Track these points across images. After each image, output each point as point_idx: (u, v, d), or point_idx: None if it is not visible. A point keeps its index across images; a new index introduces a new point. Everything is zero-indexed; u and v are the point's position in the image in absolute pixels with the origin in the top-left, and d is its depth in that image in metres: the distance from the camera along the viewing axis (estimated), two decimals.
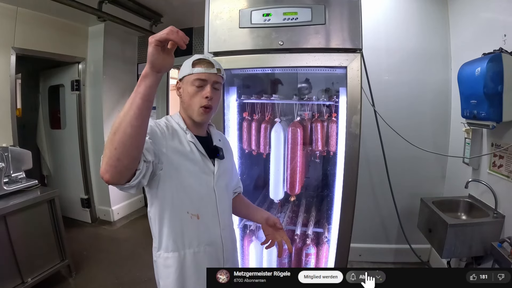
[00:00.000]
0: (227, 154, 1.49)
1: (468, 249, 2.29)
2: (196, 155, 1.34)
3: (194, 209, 1.32)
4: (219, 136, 1.51)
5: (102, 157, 0.99)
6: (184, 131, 1.35)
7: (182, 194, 1.29)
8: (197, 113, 1.32)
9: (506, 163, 2.22)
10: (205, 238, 1.35)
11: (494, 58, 2.04)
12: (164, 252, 1.32)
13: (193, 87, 1.31)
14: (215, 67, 1.33)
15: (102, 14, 3.32)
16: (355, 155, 1.89)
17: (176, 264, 1.31)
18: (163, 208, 1.29)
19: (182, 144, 1.31)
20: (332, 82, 2.54)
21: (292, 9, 1.85)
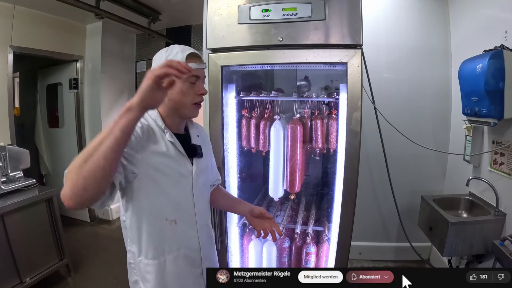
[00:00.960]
0: (205, 150, 1.42)
1: (469, 247, 2.27)
2: (174, 156, 1.26)
3: (171, 215, 1.26)
4: (197, 131, 1.43)
5: (66, 179, 0.92)
6: (162, 130, 1.25)
7: (159, 202, 1.23)
8: (190, 110, 1.26)
9: (507, 160, 2.20)
10: (184, 241, 1.31)
11: (496, 55, 2.02)
12: (145, 259, 1.26)
13: (186, 84, 1.22)
14: (204, 62, 1.29)
15: (100, 12, 3.29)
16: (355, 152, 1.87)
17: (157, 271, 1.27)
18: (140, 216, 1.23)
19: (159, 145, 1.22)
20: (331, 80, 2.53)
21: (292, 4, 1.82)
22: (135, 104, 0.93)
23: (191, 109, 1.26)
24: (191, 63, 1.17)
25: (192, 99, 1.24)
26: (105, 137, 0.92)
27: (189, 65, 1.11)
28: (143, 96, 0.93)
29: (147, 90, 0.93)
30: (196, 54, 1.27)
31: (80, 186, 0.90)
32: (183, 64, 0.95)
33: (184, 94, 1.23)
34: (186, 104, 1.25)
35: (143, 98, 0.93)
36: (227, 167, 2.15)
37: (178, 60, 0.95)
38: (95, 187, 0.92)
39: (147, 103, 0.95)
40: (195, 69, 1.20)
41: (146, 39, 4.75)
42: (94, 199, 0.96)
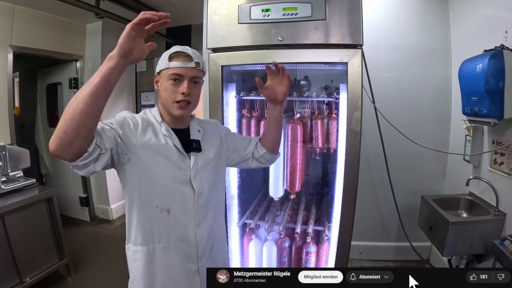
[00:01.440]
0: (208, 145, 1.44)
1: (469, 247, 2.28)
2: (171, 149, 1.30)
3: (163, 203, 1.29)
4: (198, 127, 1.44)
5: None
6: (159, 124, 1.32)
7: (150, 189, 1.26)
8: (173, 108, 1.28)
9: (507, 160, 2.20)
10: (176, 233, 1.32)
11: (496, 55, 2.02)
12: (133, 245, 1.30)
13: (169, 82, 1.26)
14: (193, 61, 1.28)
15: (100, 11, 3.29)
16: (356, 152, 1.87)
17: (145, 258, 1.30)
18: (131, 201, 1.28)
19: (157, 138, 1.28)
20: (331, 80, 2.53)
21: (292, 4, 1.82)
22: (115, 51, 0.99)
23: (173, 107, 1.28)
24: (172, 62, 1.26)
25: (174, 97, 1.26)
26: (86, 85, 0.98)
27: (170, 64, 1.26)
28: (121, 43, 0.98)
29: (125, 37, 0.97)
30: (182, 53, 1.28)
31: (61, 130, 0.95)
32: (155, 12, 0.99)
33: (166, 91, 1.27)
34: (168, 102, 1.28)
35: (121, 45, 0.98)
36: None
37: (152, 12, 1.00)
38: (74, 130, 0.96)
39: (125, 51, 0.99)
40: (176, 67, 1.25)
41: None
42: (75, 147, 0.99)
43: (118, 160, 1.20)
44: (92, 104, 0.97)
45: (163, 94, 1.29)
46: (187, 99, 1.26)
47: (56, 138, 0.96)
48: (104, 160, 1.11)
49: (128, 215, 1.30)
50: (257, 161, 1.60)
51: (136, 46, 1.01)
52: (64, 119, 0.95)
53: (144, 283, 1.31)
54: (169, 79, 1.26)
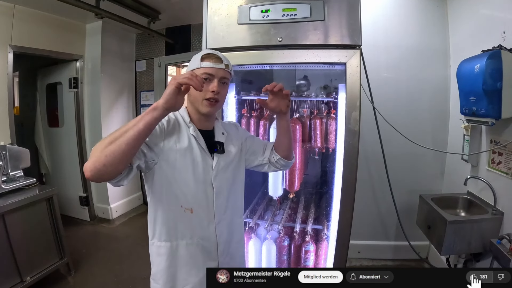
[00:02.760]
0: (232, 148, 1.50)
1: (467, 246, 2.29)
2: (195, 149, 1.37)
3: (187, 203, 1.36)
4: (223, 129, 1.51)
5: (91, 155, 1.07)
6: (187, 125, 1.39)
7: (175, 189, 1.34)
8: (202, 105, 1.35)
9: (505, 160, 2.21)
10: (198, 231, 1.39)
11: (494, 55, 2.04)
12: (158, 241, 1.38)
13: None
14: (223, 63, 1.36)
15: (100, 11, 3.29)
16: (354, 151, 1.89)
17: (168, 253, 1.38)
18: (157, 200, 1.35)
19: (181, 138, 1.35)
20: (330, 79, 2.54)
21: (291, 5, 1.84)
22: (161, 105, 1.11)
23: (203, 105, 1.34)
24: (204, 62, 1.33)
25: (204, 95, 1.32)
26: (131, 127, 1.08)
27: (202, 64, 1.33)
28: (167, 99, 1.11)
29: (171, 94, 1.11)
30: (213, 55, 1.36)
31: (101, 163, 1.05)
32: (199, 78, 1.14)
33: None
34: (198, 100, 1.34)
35: (168, 101, 1.11)
36: None
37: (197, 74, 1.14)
38: (114, 165, 1.07)
39: (170, 105, 1.12)
40: (208, 67, 1.32)
41: (145, 39, 4.75)
42: (111, 176, 1.11)
43: (147, 166, 1.28)
44: (134, 146, 1.10)
45: (193, 92, 1.33)
46: (216, 97, 1.33)
47: (94, 168, 1.05)
48: (133, 173, 1.22)
49: (152, 212, 1.38)
50: (274, 166, 1.65)
51: (178, 99, 1.14)
52: (105, 154, 1.05)
53: (167, 276, 1.39)
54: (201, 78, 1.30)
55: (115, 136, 1.07)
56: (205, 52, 1.38)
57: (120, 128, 1.10)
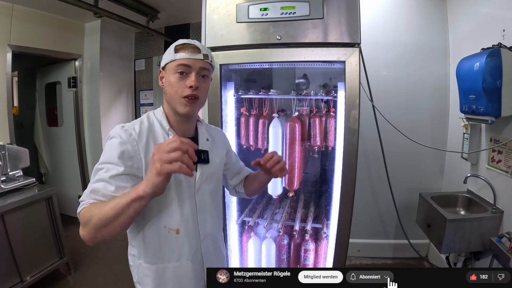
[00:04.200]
0: (216, 156, 1.36)
1: (467, 244, 2.29)
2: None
3: (172, 223, 1.22)
4: (207, 135, 1.35)
5: (84, 228, 1.00)
6: (166, 132, 1.21)
7: (157, 209, 1.19)
8: (180, 104, 1.17)
9: (505, 158, 2.21)
10: (186, 252, 1.26)
11: (493, 53, 2.04)
12: (144, 263, 1.24)
13: (175, 75, 1.15)
14: (201, 52, 1.17)
15: (99, 10, 3.29)
16: (353, 150, 1.88)
17: (154, 276, 1.25)
18: (138, 221, 1.19)
19: None
20: (329, 78, 2.53)
21: (290, 3, 1.83)
22: (148, 195, 0.96)
23: (181, 104, 1.17)
24: (179, 53, 1.15)
25: (181, 91, 1.15)
26: (120, 214, 0.97)
27: (177, 55, 1.15)
28: (154, 190, 0.95)
29: (160, 184, 0.95)
30: (189, 45, 1.18)
31: (99, 239, 1.01)
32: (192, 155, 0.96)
33: (173, 86, 1.16)
34: (174, 98, 1.17)
35: (156, 189, 0.95)
36: None
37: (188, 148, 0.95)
38: (111, 236, 1.02)
39: (159, 193, 0.97)
40: (183, 58, 1.15)
41: (144, 38, 4.74)
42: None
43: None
44: (128, 225, 1.03)
45: (168, 89, 1.18)
46: (195, 93, 1.15)
47: (92, 241, 1.02)
48: None
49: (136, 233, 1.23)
50: (235, 192, 1.61)
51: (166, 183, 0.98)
52: (102, 235, 1.00)
53: None
54: (176, 72, 1.15)
55: (106, 220, 0.97)
56: (180, 42, 1.19)
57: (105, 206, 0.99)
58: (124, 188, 1.07)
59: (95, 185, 1.06)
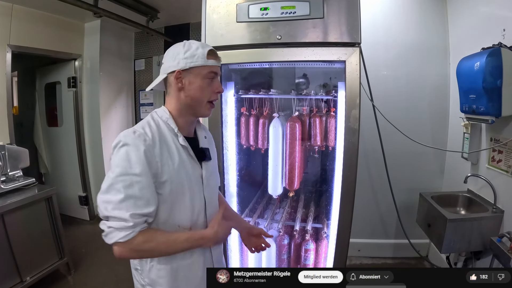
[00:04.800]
0: (212, 152, 1.41)
1: (467, 244, 2.29)
2: (186, 162, 1.24)
3: (185, 222, 1.25)
4: (204, 133, 1.42)
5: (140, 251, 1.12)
6: (174, 134, 1.23)
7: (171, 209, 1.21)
8: (204, 108, 1.25)
9: (505, 158, 2.21)
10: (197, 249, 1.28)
11: (494, 53, 2.03)
12: (158, 264, 1.24)
13: (206, 80, 1.22)
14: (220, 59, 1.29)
15: (98, 10, 3.28)
16: (354, 149, 1.88)
17: (169, 275, 1.25)
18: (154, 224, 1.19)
19: (172, 155, 1.19)
20: (329, 77, 2.53)
21: (290, 2, 1.83)
22: (212, 243, 1.24)
23: (206, 107, 1.26)
24: (210, 59, 1.22)
25: (209, 96, 1.24)
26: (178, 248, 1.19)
27: (209, 62, 1.22)
28: (218, 242, 1.26)
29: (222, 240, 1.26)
30: (214, 51, 1.26)
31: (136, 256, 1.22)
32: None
33: (202, 91, 1.22)
34: (202, 102, 1.24)
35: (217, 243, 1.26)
36: (226, 165, 2.17)
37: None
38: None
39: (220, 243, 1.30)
40: (214, 65, 1.24)
41: (144, 37, 4.74)
42: None
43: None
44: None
45: (195, 93, 1.22)
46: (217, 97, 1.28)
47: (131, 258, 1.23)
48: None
49: None
50: None
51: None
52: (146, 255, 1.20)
53: None
54: (207, 78, 1.22)
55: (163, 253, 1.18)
56: (208, 48, 1.24)
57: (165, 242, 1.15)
58: (153, 200, 1.12)
59: (128, 203, 1.07)
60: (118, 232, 1.06)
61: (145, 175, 1.09)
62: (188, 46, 1.22)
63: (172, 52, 1.25)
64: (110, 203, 1.07)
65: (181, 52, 1.21)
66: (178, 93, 1.24)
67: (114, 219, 1.07)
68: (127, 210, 1.05)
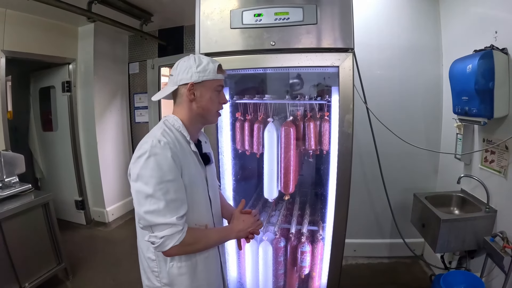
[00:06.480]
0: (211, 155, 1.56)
1: (461, 243, 2.31)
2: (197, 165, 1.38)
3: (200, 220, 1.38)
4: (204, 138, 1.56)
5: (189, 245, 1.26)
6: (187, 141, 1.35)
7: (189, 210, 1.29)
8: (214, 117, 1.41)
9: (497, 158, 2.24)
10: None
11: (486, 55, 2.06)
12: (177, 262, 1.35)
13: (215, 93, 1.37)
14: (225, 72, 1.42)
15: (92, 15, 3.28)
16: (348, 153, 1.90)
17: (190, 271, 1.37)
18: None
19: (188, 160, 1.31)
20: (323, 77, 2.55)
21: (284, 9, 1.84)
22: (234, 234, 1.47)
23: (214, 116, 1.41)
24: (219, 74, 1.36)
25: (217, 107, 1.39)
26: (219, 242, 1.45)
27: (218, 76, 1.36)
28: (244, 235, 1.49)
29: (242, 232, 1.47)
30: (221, 66, 1.39)
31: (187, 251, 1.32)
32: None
33: (212, 102, 1.37)
34: (212, 112, 1.39)
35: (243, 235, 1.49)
36: (222, 169, 2.18)
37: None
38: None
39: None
40: (223, 79, 1.39)
41: (138, 41, 4.74)
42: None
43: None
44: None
45: (206, 104, 1.35)
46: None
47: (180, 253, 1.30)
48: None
49: None
50: None
51: None
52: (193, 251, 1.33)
53: None
54: (216, 90, 1.37)
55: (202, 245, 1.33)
56: (217, 63, 1.38)
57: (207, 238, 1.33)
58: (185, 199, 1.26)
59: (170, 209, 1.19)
60: (173, 238, 1.19)
61: (177, 180, 1.22)
62: (199, 61, 1.33)
63: (184, 65, 1.34)
64: (154, 212, 1.18)
65: (193, 66, 1.32)
66: (190, 104, 1.35)
67: (162, 226, 1.18)
68: (172, 215, 1.18)
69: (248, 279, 2.43)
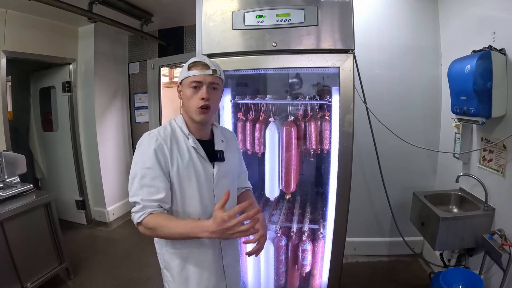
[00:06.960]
0: (230, 154, 1.56)
1: (460, 241, 2.35)
2: (196, 160, 1.41)
3: (194, 212, 1.41)
4: (222, 137, 1.56)
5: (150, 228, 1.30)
6: (186, 136, 1.42)
7: (182, 201, 1.40)
8: (195, 114, 1.39)
9: (495, 157, 2.27)
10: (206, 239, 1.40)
11: (484, 56, 2.08)
12: (170, 248, 1.44)
13: (190, 89, 1.38)
14: (210, 68, 1.38)
15: (93, 16, 3.28)
16: (348, 153, 1.92)
17: (180, 260, 1.44)
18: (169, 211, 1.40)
19: (182, 153, 1.39)
20: (322, 77, 2.57)
21: (285, 10, 1.86)
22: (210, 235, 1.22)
23: (196, 113, 1.39)
24: (191, 71, 1.37)
25: (196, 103, 1.37)
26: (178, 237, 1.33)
27: (190, 72, 1.37)
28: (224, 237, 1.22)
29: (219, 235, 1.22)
30: (200, 62, 1.39)
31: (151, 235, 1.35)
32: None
33: (189, 99, 1.39)
34: (191, 108, 1.39)
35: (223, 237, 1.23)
36: None
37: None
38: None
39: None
40: (195, 75, 1.37)
41: (138, 41, 4.75)
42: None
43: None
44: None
45: (185, 102, 1.41)
46: (207, 103, 1.37)
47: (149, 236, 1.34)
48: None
49: None
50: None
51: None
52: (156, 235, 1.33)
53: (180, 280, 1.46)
54: (190, 87, 1.38)
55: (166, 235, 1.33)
56: (192, 60, 1.41)
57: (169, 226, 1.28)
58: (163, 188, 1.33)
59: (142, 191, 1.32)
60: (135, 214, 1.31)
61: (155, 169, 1.32)
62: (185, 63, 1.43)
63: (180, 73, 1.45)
64: (130, 191, 1.34)
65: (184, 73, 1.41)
66: (182, 103, 1.45)
67: (134, 204, 1.32)
68: (142, 197, 1.30)
69: (249, 277, 2.45)
